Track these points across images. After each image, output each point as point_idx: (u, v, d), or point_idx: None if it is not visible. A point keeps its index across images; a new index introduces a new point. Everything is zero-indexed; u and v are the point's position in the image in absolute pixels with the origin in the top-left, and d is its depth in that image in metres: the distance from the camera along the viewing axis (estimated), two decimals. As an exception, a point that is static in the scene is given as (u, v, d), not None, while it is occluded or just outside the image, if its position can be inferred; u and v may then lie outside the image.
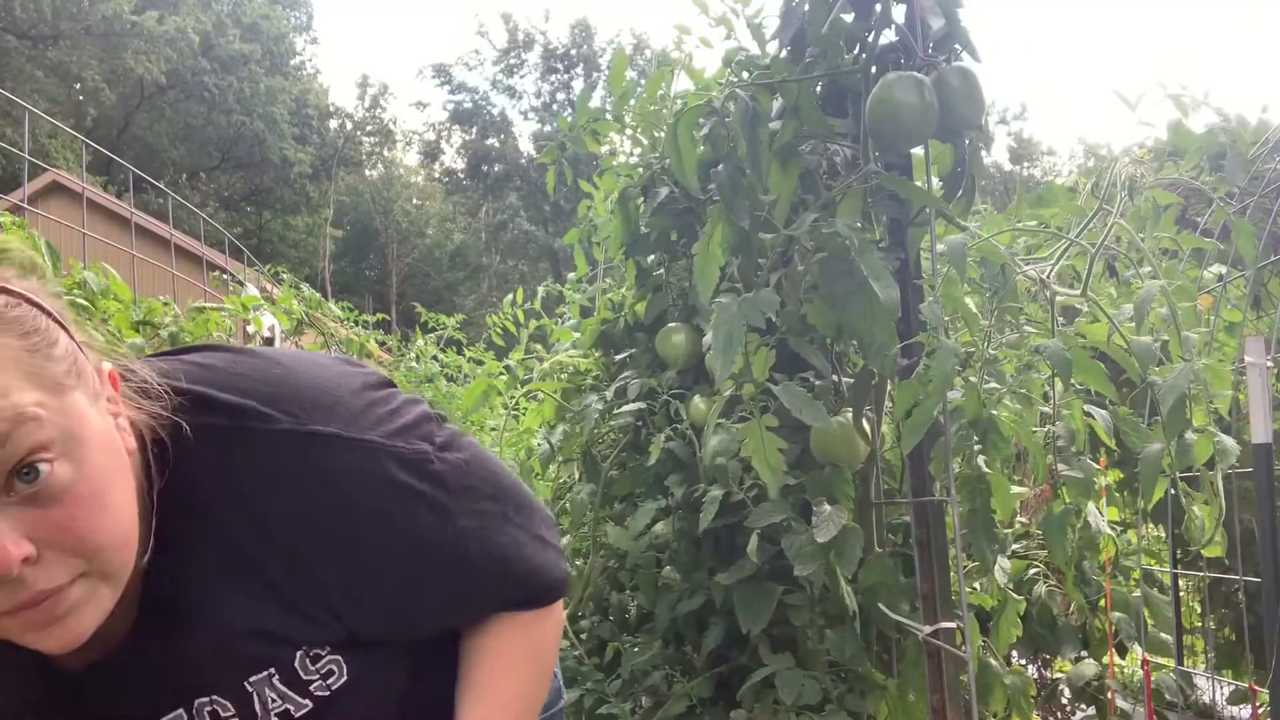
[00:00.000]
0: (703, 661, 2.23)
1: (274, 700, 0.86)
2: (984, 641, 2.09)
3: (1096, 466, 2.02)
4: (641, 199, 2.40)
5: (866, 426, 1.92)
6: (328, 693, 0.88)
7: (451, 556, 0.91)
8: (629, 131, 2.59)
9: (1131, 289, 2.15)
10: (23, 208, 6.57)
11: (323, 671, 0.87)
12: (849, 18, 1.77)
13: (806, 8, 1.78)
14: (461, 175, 30.20)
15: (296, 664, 0.86)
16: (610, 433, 2.59)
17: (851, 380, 2.00)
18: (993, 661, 2.07)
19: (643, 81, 2.56)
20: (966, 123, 1.70)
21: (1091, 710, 2.63)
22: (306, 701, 0.87)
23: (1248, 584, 2.58)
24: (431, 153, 31.04)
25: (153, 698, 0.85)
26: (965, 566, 1.95)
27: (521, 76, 29.11)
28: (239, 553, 0.83)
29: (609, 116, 2.57)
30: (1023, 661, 2.78)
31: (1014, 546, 2.71)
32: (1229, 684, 2.96)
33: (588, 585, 2.53)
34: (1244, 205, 2.13)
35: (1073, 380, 1.74)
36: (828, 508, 1.92)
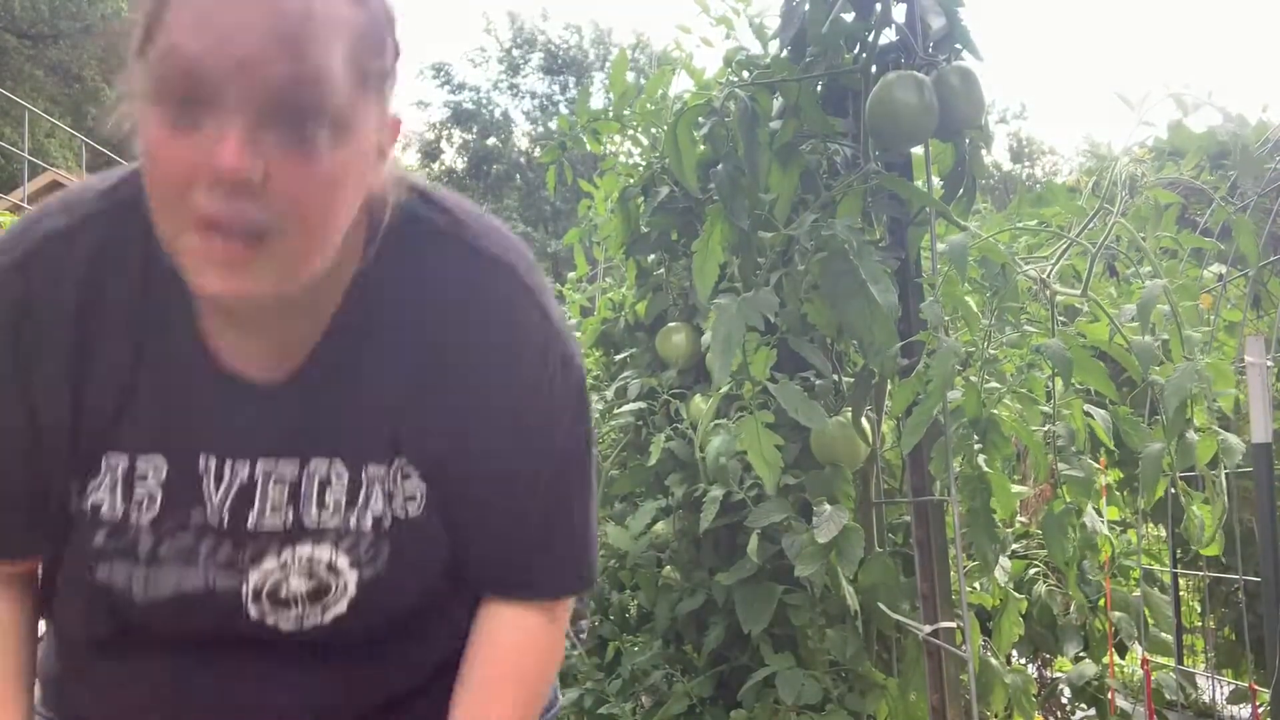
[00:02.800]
0: (703, 661, 2.23)
1: (375, 500, 0.87)
2: (984, 641, 2.09)
3: (1096, 466, 2.02)
4: (642, 198, 2.40)
5: (866, 426, 1.92)
6: (404, 515, 0.89)
7: (540, 453, 0.92)
8: (630, 131, 2.59)
9: (1132, 288, 2.14)
10: (23, 207, 6.57)
11: (407, 494, 0.89)
12: (849, 17, 1.77)
13: (807, 7, 1.78)
14: (461, 175, 30.22)
15: (394, 470, 0.88)
16: (610, 432, 2.59)
17: (852, 379, 2.00)
18: (993, 661, 2.08)
19: (643, 81, 2.56)
20: (966, 122, 1.70)
21: (1091, 710, 2.63)
22: (388, 515, 0.88)
23: (1248, 584, 2.58)
24: (431, 152, 31.04)
25: (284, 437, 0.86)
26: (965, 566, 1.95)
27: (524, 76, 29.07)
28: (404, 345, 0.87)
29: (609, 116, 2.57)
30: (1022, 661, 2.78)
31: (1014, 546, 2.71)
32: (1229, 684, 2.96)
33: (588, 585, 2.53)
34: (1244, 205, 2.13)
35: (1073, 380, 1.73)
36: (828, 507, 1.92)
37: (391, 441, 0.88)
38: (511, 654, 0.97)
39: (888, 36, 1.77)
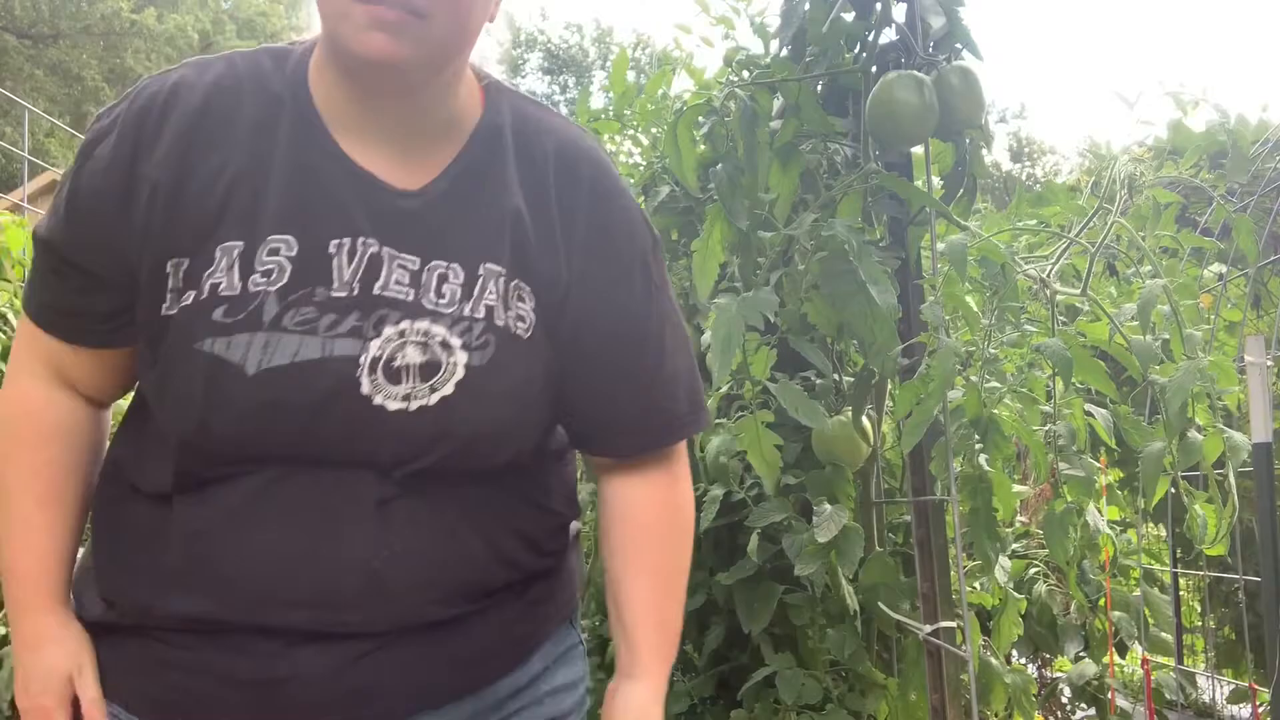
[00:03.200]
0: (703, 661, 2.23)
1: (489, 294, 0.95)
2: (984, 641, 2.09)
3: (1097, 466, 2.02)
4: (642, 198, 2.40)
5: (867, 426, 1.92)
6: (512, 329, 0.96)
7: (644, 285, 1.03)
8: (630, 131, 2.59)
9: (1132, 288, 2.14)
10: (22, 207, 6.57)
11: (519, 312, 0.97)
12: (849, 17, 1.77)
13: (807, 7, 1.78)
14: (461, 174, 30.15)
15: (511, 284, 0.96)
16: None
17: (852, 379, 2.00)
18: (993, 661, 2.07)
19: (643, 81, 2.56)
20: (967, 122, 1.70)
21: (1091, 710, 2.63)
22: (503, 323, 0.95)
23: (1248, 584, 2.58)
24: (431, 152, 30.97)
25: (408, 236, 0.94)
26: (965, 566, 1.95)
27: (524, 76, 29.11)
28: (523, 177, 0.99)
29: (609, 116, 2.57)
30: (1022, 661, 2.78)
31: (1014, 546, 2.71)
32: (1229, 683, 2.97)
33: (589, 584, 2.53)
34: (1244, 204, 2.13)
35: (1073, 379, 1.73)
36: (828, 507, 1.92)
37: (510, 256, 0.97)
38: (654, 506, 1.07)
39: (888, 36, 1.77)
